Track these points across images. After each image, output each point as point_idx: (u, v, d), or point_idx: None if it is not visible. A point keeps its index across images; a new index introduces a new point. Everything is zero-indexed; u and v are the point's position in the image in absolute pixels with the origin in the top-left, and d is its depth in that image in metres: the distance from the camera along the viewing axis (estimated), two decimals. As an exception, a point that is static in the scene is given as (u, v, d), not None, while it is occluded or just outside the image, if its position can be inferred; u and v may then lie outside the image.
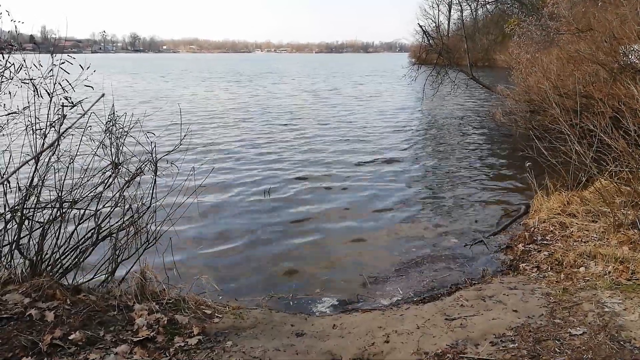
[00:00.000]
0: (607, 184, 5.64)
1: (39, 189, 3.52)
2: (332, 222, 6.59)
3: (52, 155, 3.58)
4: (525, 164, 6.73)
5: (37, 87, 3.55)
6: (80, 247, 3.62)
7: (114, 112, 3.80)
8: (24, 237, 3.46)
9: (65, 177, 3.62)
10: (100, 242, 3.69)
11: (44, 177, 3.55)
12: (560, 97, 8.45)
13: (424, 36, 19.38)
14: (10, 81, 3.57)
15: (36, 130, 3.59)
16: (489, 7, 58.29)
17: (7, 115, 3.57)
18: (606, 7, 11.07)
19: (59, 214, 3.51)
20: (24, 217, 3.44)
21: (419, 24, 22.10)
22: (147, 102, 20.70)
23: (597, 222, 5.29)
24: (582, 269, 4.37)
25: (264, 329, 3.52)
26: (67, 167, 3.64)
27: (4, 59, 3.58)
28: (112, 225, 3.73)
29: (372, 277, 4.94)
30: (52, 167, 3.58)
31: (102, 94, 3.73)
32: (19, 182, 3.50)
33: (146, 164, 3.77)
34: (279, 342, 3.32)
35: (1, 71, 3.55)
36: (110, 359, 2.76)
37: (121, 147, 3.74)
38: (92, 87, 3.82)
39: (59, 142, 3.58)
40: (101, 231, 3.68)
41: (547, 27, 14.37)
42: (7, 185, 3.46)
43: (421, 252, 5.56)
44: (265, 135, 13.13)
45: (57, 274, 3.52)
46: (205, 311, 3.56)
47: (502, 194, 7.88)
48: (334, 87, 29.72)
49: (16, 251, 3.45)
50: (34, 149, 3.55)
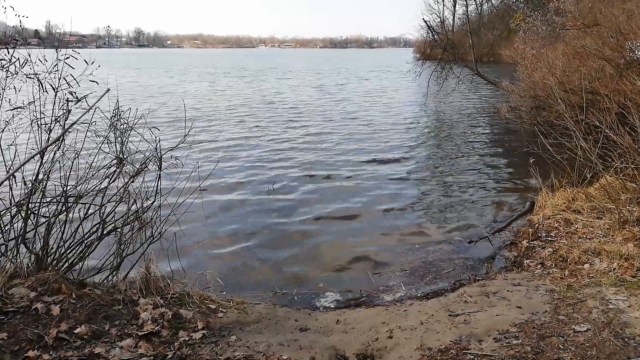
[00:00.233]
0: (612, 181, 5.61)
1: (45, 183, 3.54)
2: (336, 218, 6.59)
3: (57, 150, 3.59)
4: (529, 160, 6.70)
5: (42, 82, 3.56)
6: (85, 242, 3.64)
7: (119, 107, 3.80)
8: (29, 232, 3.47)
9: (70, 172, 3.64)
10: (105, 236, 3.71)
11: (49, 172, 3.56)
12: (565, 93, 8.41)
13: (429, 31, 19.29)
14: (15, 76, 3.58)
15: (41, 125, 3.60)
16: (494, 1, 58.03)
17: (12, 110, 3.59)
18: (612, 2, 10.98)
19: (64, 208, 3.53)
20: (29, 212, 3.46)
21: (423, 19, 22.04)
22: (152, 97, 20.72)
23: (602, 218, 5.26)
24: (586, 265, 4.36)
25: (268, 324, 3.53)
26: (72, 162, 3.65)
27: (9, 53, 3.59)
28: (116, 220, 3.74)
29: (376, 272, 4.94)
30: (57, 162, 3.60)
31: (107, 89, 3.75)
32: (24, 177, 3.51)
33: (151, 159, 3.78)
34: (282, 337, 3.33)
35: (6, 66, 3.56)
36: (115, 353, 2.78)
37: (126, 143, 3.75)
38: (97, 82, 3.83)
39: (64, 137, 3.60)
40: (106, 226, 3.70)
41: (552, 23, 14.23)
42: (13, 180, 3.48)
43: (425, 248, 5.56)
44: (270, 131, 13.12)
45: (63, 268, 3.54)
46: (209, 306, 3.57)
47: (507, 190, 7.86)
48: (338, 83, 29.63)
49: (22, 245, 3.46)
50: (39, 144, 3.56)
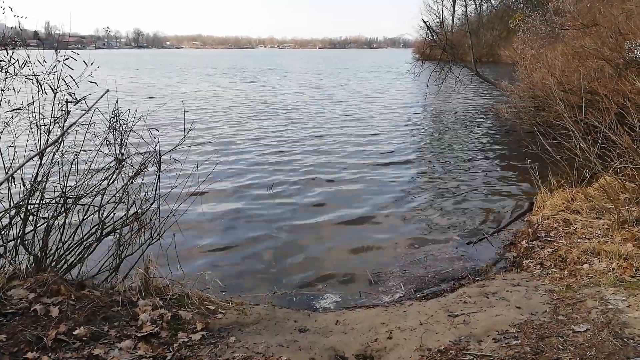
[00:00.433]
0: (611, 181, 5.62)
1: (44, 184, 3.54)
2: (335, 218, 6.59)
3: (57, 151, 3.59)
4: (528, 160, 6.70)
5: (41, 83, 3.56)
6: (84, 243, 3.63)
7: (118, 109, 3.80)
8: (28, 233, 3.47)
9: (69, 173, 3.64)
10: (104, 237, 3.71)
11: (49, 173, 3.56)
12: (564, 93, 8.41)
13: (428, 32, 19.30)
14: (14, 77, 3.58)
15: (40, 126, 3.60)
16: (493, 2, 58.09)
17: (11, 111, 3.58)
18: (612, 2, 10.99)
19: (63, 210, 3.53)
20: (28, 213, 3.46)
21: (422, 20, 22.06)
22: (151, 98, 20.73)
23: (601, 218, 5.26)
24: (585, 265, 4.36)
25: (267, 325, 3.53)
26: (71, 163, 3.65)
27: (8, 54, 3.59)
28: (116, 221, 3.74)
29: (375, 273, 4.94)
30: (56, 163, 3.60)
31: (106, 90, 3.74)
32: (23, 178, 3.51)
33: (150, 160, 3.78)
34: (282, 337, 3.33)
35: (5, 67, 3.56)
36: (114, 354, 2.77)
37: (125, 144, 3.75)
38: (96, 83, 3.83)
39: (63, 138, 3.59)
40: (105, 227, 3.70)
41: (552, 23, 14.25)
42: (12, 181, 3.48)
43: (424, 248, 5.56)
44: (270, 131, 13.12)
45: (62, 270, 3.54)
46: (208, 307, 3.57)
47: (506, 190, 7.86)
48: (339, 83, 29.63)
49: (21, 247, 3.46)
50: (38, 145, 3.56)
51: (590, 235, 4.96)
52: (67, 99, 3.61)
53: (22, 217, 3.45)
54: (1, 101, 3.59)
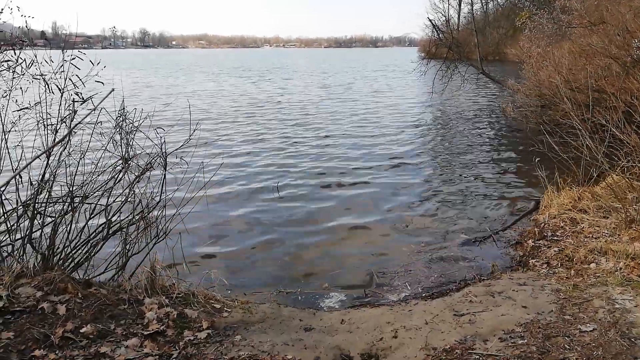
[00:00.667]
0: (618, 180, 5.57)
1: (51, 183, 3.56)
2: (341, 218, 6.58)
3: (63, 150, 3.62)
4: (535, 159, 6.66)
5: (48, 82, 3.59)
6: (91, 242, 3.66)
7: (124, 108, 3.82)
8: (36, 232, 3.50)
9: (76, 172, 3.66)
10: (110, 236, 3.73)
11: (55, 172, 3.59)
12: (571, 91, 8.37)
13: (434, 30, 19.21)
14: (22, 77, 3.61)
15: (47, 125, 3.63)
16: (499, 0, 57.72)
17: (19, 110, 3.62)
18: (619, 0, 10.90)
19: (70, 208, 3.55)
20: (35, 212, 3.49)
21: (428, 18, 21.92)
22: (158, 97, 20.81)
23: (608, 218, 5.23)
24: (592, 265, 4.33)
25: (273, 324, 3.53)
26: (78, 162, 3.68)
27: (15, 54, 3.62)
28: (122, 219, 3.77)
29: (381, 272, 4.94)
30: (63, 162, 3.62)
31: (112, 89, 3.76)
32: (30, 177, 3.54)
33: (156, 159, 3.80)
34: (287, 336, 3.33)
35: (13, 67, 3.59)
36: (120, 352, 2.79)
37: (131, 143, 3.77)
38: (103, 83, 3.85)
39: (69, 137, 3.62)
40: (112, 226, 3.72)
41: (559, 21, 14.15)
42: (19, 180, 3.51)
43: (430, 247, 5.54)
44: (277, 131, 13.13)
45: (69, 268, 3.57)
46: (214, 305, 3.58)
47: (512, 189, 7.83)
48: (345, 82, 29.55)
49: (28, 245, 3.49)
50: (45, 144, 3.59)
51: (597, 234, 4.93)
52: (73, 99, 3.64)
53: (30, 215, 3.48)
54: (9, 101, 3.62)
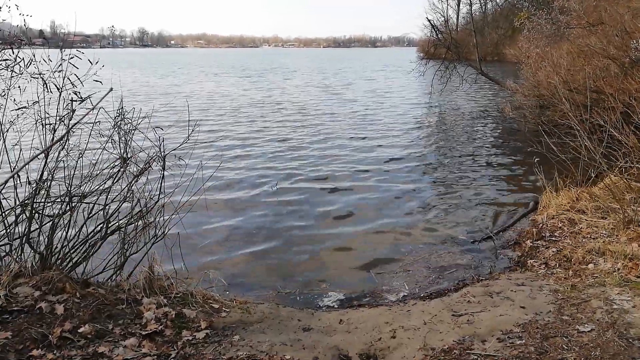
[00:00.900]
0: (617, 180, 5.59)
1: (49, 183, 3.55)
2: (340, 218, 6.59)
3: (62, 149, 3.60)
4: (533, 159, 6.67)
5: (47, 81, 3.58)
6: (89, 241, 3.65)
7: (123, 107, 3.82)
8: (34, 231, 3.49)
9: (74, 172, 3.65)
10: (109, 236, 3.72)
11: (54, 171, 3.58)
12: (570, 92, 8.37)
13: (433, 30, 19.22)
14: (20, 76, 3.60)
15: (45, 124, 3.62)
16: (498, 0, 57.81)
17: (17, 109, 3.60)
18: (617, 0, 10.92)
19: (68, 208, 3.55)
20: (34, 211, 3.48)
21: (427, 18, 21.89)
22: (156, 97, 20.76)
23: (606, 218, 5.24)
24: (590, 265, 4.34)
25: (271, 324, 3.53)
26: (77, 162, 3.67)
27: (13, 53, 3.61)
28: (120, 219, 3.76)
29: (379, 272, 4.94)
30: (61, 162, 3.61)
31: (110, 89, 3.75)
32: (29, 177, 3.53)
33: (154, 158, 3.79)
34: (285, 336, 3.33)
35: (11, 66, 3.58)
36: (119, 352, 2.79)
37: (130, 142, 3.76)
38: (101, 82, 3.84)
39: (68, 136, 3.61)
40: (110, 225, 3.71)
41: (557, 21, 14.19)
42: (17, 179, 3.50)
43: (428, 247, 5.55)
44: (276, 131, 13.11)
45: (67, 268, 3.56)
46: (212, 305, 3.58)
47: (511, 190, 7.84)
48: (344, 83, 29.51)
49: (26, 245, 3.48)
50: (43, 144, 3.58)
51: (595, 235, 4.94)
52: (72, 98, 3.63)
53: (28, 215, 3.47)
54: (7, 100, 3.61)
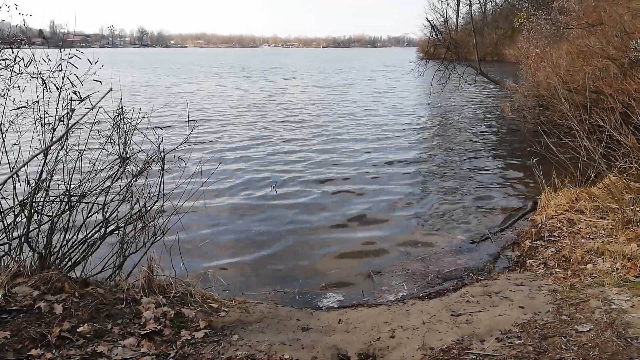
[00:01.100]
0: (616, 180, 5.59)
1: (48, 182, 3.55)
2: (339, 218, 6.59)
3: (61, 149, 3.61)
4: (533, 160, 6.68)
5: (46, 81, 3.58)
6: (88, 241, 3.65)
7: (122, 107, 3.82)
8: (33, 231, 3.49)
9: (73, 171, 3.65)
10: (108, 235, 3.73)
11: (53, 171, 3.58)
12: (569, 92, 8.36)
13: (432, 31, 19.19)
14: (19, 75, 3.60)
15: (45, 124, 3.62)
16: (497, 1, 57.82)
17: (16, 109, 3.60)
18: (617, 1, 10.92)
19: (67, 207, 3.55)
20: (33, 211, 3.48)
21: (427, 19, 21.90)
22: (156, 97, 20.75)
23: (605, 218, 5.24)
24: (589, 265, 4.35)
25: (270, 323, 3.53)
26: (76, 161, 3.67)
27: (13, 53, 3.61)
28: (119, 219, 3.76)
29: (378, 272, 4.94)
30: (60, 161, 3.61)
31: (110, 88, 3.75)
32: (28, 176, 3.53)
33: (154, 158, 3.79)
34: (284, 336, 3.33)
35: (10, 65, 3.58)
36: (117, 352, 2.79)
37: (129, 142, 3.76)
38: (101, 82, 3.84)
39: (67, 136, 3.61)
40: (109, 225, 3.71)
41: (556, 22, 14.18)
42: (17, 178, 3.50)
43: (427, 247, 5.55)
44: (276, 131, 13.11)
45: (66, 267, 3.56)
46: (211, 305, 3.58)
47: (510, 190, 7.84)
48: (344, 83, 29.50)
49: (25, 244, 3.48)
50: (42, 143, 3.58)
51: (594, 235, 4.94)
52: (71, 98, 3.63)
53: (27, 214, 3.47)
54: (6, 99, 3.61)
